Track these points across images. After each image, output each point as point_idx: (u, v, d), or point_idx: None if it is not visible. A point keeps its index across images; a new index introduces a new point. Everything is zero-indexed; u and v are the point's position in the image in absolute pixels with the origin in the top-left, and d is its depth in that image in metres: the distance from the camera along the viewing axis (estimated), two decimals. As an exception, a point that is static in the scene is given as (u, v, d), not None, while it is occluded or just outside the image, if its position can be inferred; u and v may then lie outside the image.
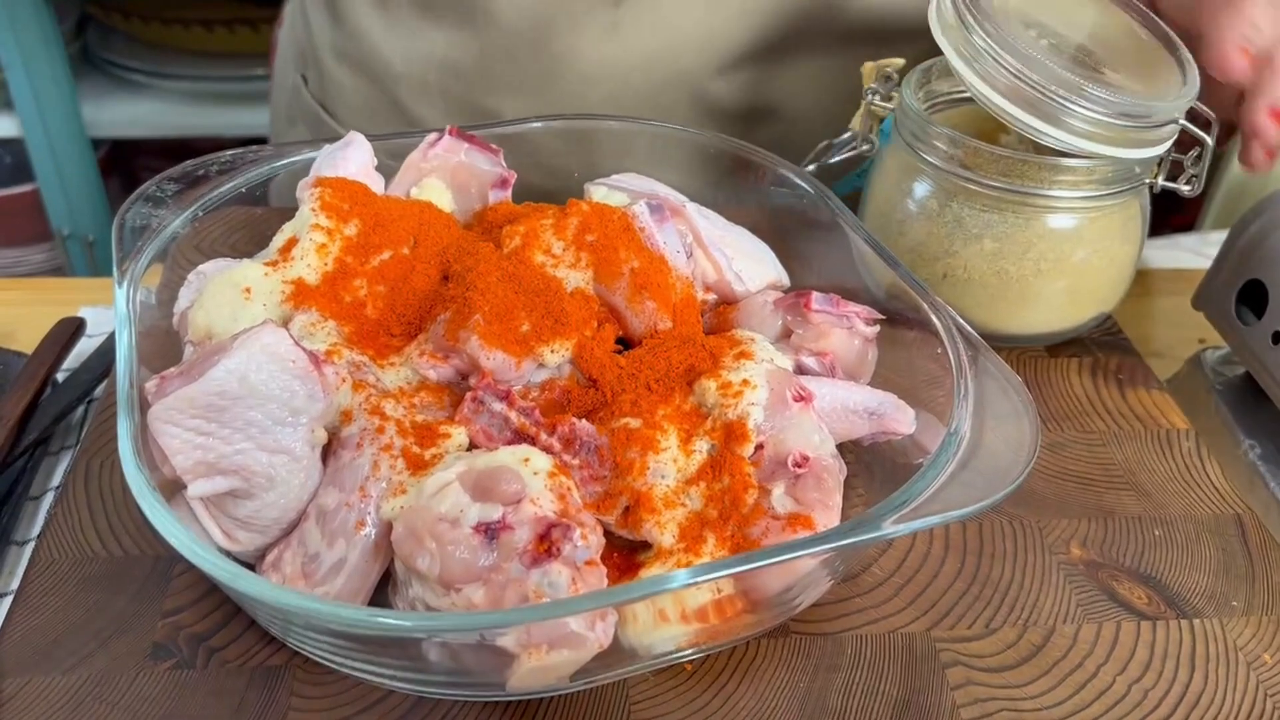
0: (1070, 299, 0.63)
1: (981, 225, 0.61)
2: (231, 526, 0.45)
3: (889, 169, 0.65)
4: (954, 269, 0.62)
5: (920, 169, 0.62)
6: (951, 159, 0.60)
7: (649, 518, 0.46)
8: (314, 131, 0.88)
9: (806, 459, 0.47)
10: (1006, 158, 0.58)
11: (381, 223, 0.54)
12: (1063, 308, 0.64)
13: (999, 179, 0.59)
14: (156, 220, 0.55)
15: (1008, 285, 0.62)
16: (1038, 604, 0.51)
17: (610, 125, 0.66)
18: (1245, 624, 0.50)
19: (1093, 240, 0.61)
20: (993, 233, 0.60)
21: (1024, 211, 0.60)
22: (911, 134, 0.62)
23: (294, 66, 0.92)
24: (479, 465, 0.43)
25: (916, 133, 0.62)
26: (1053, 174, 0.58)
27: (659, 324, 0.53)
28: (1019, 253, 0.61)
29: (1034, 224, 0.60)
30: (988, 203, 0.60)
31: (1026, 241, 0.60)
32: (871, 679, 0.47)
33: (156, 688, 0.45)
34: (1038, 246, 0.60)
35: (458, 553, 0.41)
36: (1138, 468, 0.58)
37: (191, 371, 0.43)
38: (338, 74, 0.85)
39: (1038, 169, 0.58)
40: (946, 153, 0.60)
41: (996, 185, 0.59)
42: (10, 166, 1.65)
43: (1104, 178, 0.59)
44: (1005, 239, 0.60)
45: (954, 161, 0.60)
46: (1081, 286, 0.63)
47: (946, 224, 0.61)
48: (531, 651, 0.40)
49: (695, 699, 0.46)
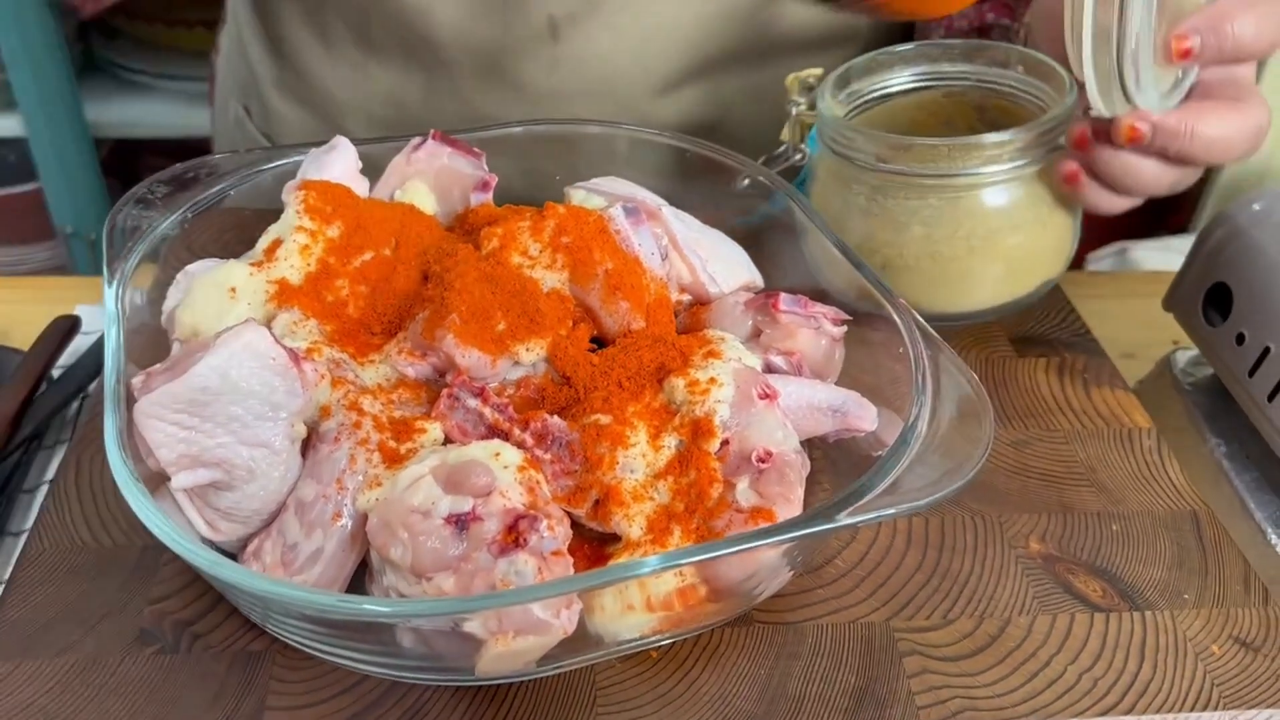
0: (1009, 271, 0.65)
1: (908, 213, 0.63)
2: (214, 517, 0.46)
3: (821, 174, 0.68)
4: (891, 259, 0.64)
5: (846, 170, 0.64)
6: (871, 155, 0.62)
7: (618, 510, 0.47)
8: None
9: (770, 454, 0.48)
10: (921, 146, 0.61)
11: (364, 225, 0.56)
12: (1005, 280, 0.65)
13: (916, 166, 0.61)
14: (147, 221, 0.57)
15: (944, 266, 0.64)
16: (995, 596, 0.52)
17: (590, 130, 0.68)
18: (1196, 616, 0.52)
19: (1023, 210, 0.63)
20: (920, 218, 0.63)
21: (946, 194, 0.62)
22: (831, 138, 0.64)
23: (235, 97, 0.92)
24: (451, 459, 0.45)
25: (835, 136, 0.64)
26: (966, 154, 0.60)
27: (632, 324, 0.55)
28: (949, 233, 0.63)
29: (960, 204, 0.62)
30: (911, 191, 0.62)
31: (955, 222, 0.62)
32: (830, 667, 0.49)
33: (141, 671, 0.47)
34: (966, 224, 0.62)
35: (429, 543, 0.42)
36: (1099, 465, 0.60)
37: (176, 368, 0.45)
38: (281, 107, 0.85)
39: (949, 151, 0.60)
40: (866, 150, 0.62)
41: (916, 173, 0.61)
42: (14, 165, 1.67)
43: (1021, 147, 0.60)
44: (933, 223, 0.62)
45: (873, 157, 0.62)
46: (1019, 257, 0.64)
47: (877, 217, 0.64)
48: (498, 637, 0.41)
49: (660, 684, 0.48)
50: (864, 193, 0.64)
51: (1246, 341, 0.64)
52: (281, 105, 0.86)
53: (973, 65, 0.67)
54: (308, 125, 0.85)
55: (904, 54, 0.68)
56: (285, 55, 0.83)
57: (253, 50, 0.87)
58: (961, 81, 0.68)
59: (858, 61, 0.67)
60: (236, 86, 0.92)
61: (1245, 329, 0.64)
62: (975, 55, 0.67)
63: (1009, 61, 0.66)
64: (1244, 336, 0.64)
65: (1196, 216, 1.50)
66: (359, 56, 0.79)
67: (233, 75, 0.93)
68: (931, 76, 0.68)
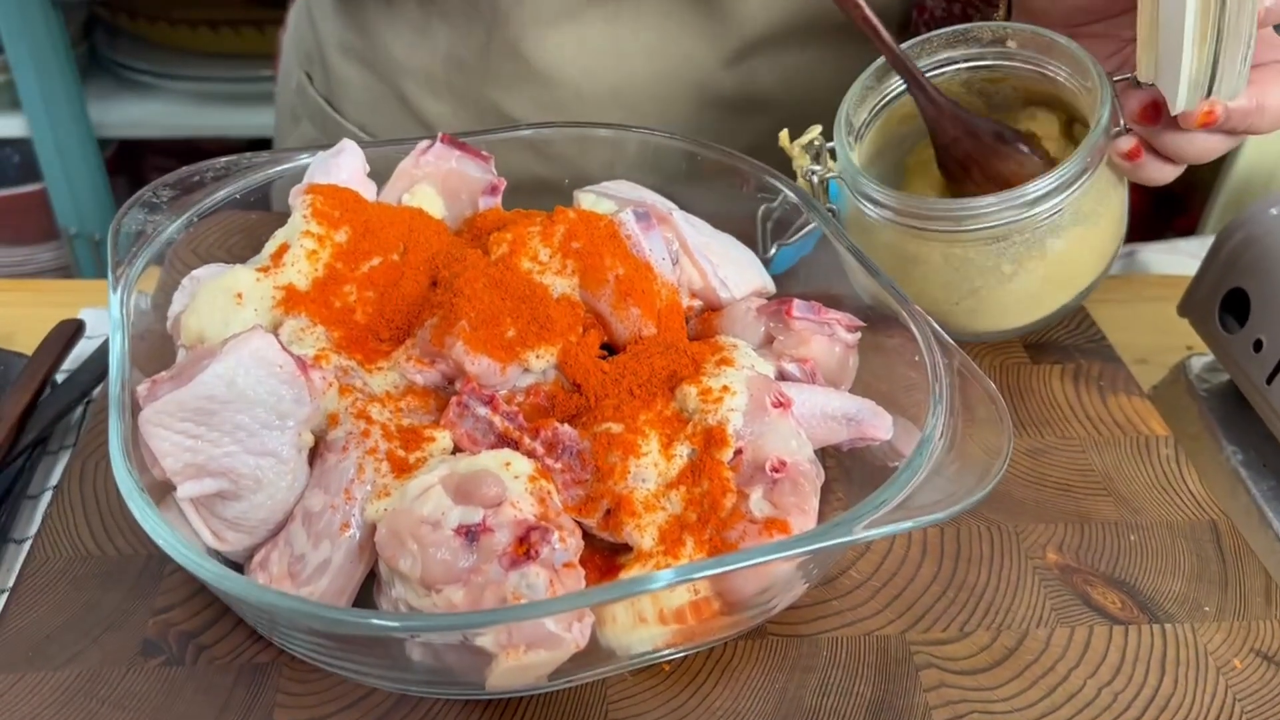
0: (1050, 287, 0.62)
1: (950, 260, 0.60)
2: (220, 527, 0.46)
3: (853, 225, 0.64)
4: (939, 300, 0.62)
5: (875, 224, 0.62)
6: (902, 214, 0.60)
7: (629, 521, 0.46)
8: (320, 128, 0.89)
9: (784, 464, 0.47)
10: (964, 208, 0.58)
11: (371, 229, 0.55)
12: (1044, 297, 0.63)
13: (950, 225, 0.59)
14: (152, 225, 0.56)
15: (985, 298, 0.62)
16: (1012, 608, 0.51)
17: (600, 133, 0.67)
18: (1216, 629, 0.51)
19: (1065, 233, 0.60)
20: (959, 264, 0.60)
21: (980, 241, 0.59)
22: (868, 198, 0.61)
23: (298, 65, 0.93)
24: (461, 469, 0.44)
25: (864, 194, 0.61)
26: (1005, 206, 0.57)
27: (643, 330, 0.54)
28: (993, 275, 0.60)
29: (997, 246, 0.60)
30: (948, 240, 0.60)
31: (996, 263, 0.60)
32: (846, 680, 0.48)
33: (146, 684, 0.46)
34: (1007, 261, 0.60)
35: (439, 554, 0.42)
36: (1116, 474, 0.59)
37: (182, 376, 0.44)
38: (344, 70, 0.86)
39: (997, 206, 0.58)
40: (897, 210, 0.60)
41: (948, 230, 0.59)
42: (18, 166, 1.67)
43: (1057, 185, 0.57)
44: (976, 265, 0.60)
45: (906, 215, 0.60)
46: (1060, 274, 0.62)
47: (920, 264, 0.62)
48: (509, 651, 0.41)
49: (672, 699, 0.47)
50: (895, 240, 0.62)
51: (1264, 348, 0.63)
52: (343, 67, 0.86)
53: (956, 51, 0.64)
54: (369, 88, 0.84)
55: (884, 69, 0.65)
56: (351, 15, 0.83)
57: (321, 14, 0.87)
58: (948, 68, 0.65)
59: (849, 98, 0.64)
60: (300, 54, 0.92)
61: (1263, 335, 0.63)
62: (958, 43, 0.64)
63: (999, 39, 0.63)
64: (1261, 343, 0.63)
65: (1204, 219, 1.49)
66: (420, 13, 0.78)
67: (297, 45, 0.93)
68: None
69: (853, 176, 0.61)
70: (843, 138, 0.62)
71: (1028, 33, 0.62)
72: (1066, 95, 0.61)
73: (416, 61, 0.81)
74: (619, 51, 0.76)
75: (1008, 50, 0.63)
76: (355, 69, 0.85)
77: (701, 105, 0.79)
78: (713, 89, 0.78)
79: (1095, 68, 0.58)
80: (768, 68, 0.79)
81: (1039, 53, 0.61)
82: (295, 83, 0.93)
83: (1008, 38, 0.63)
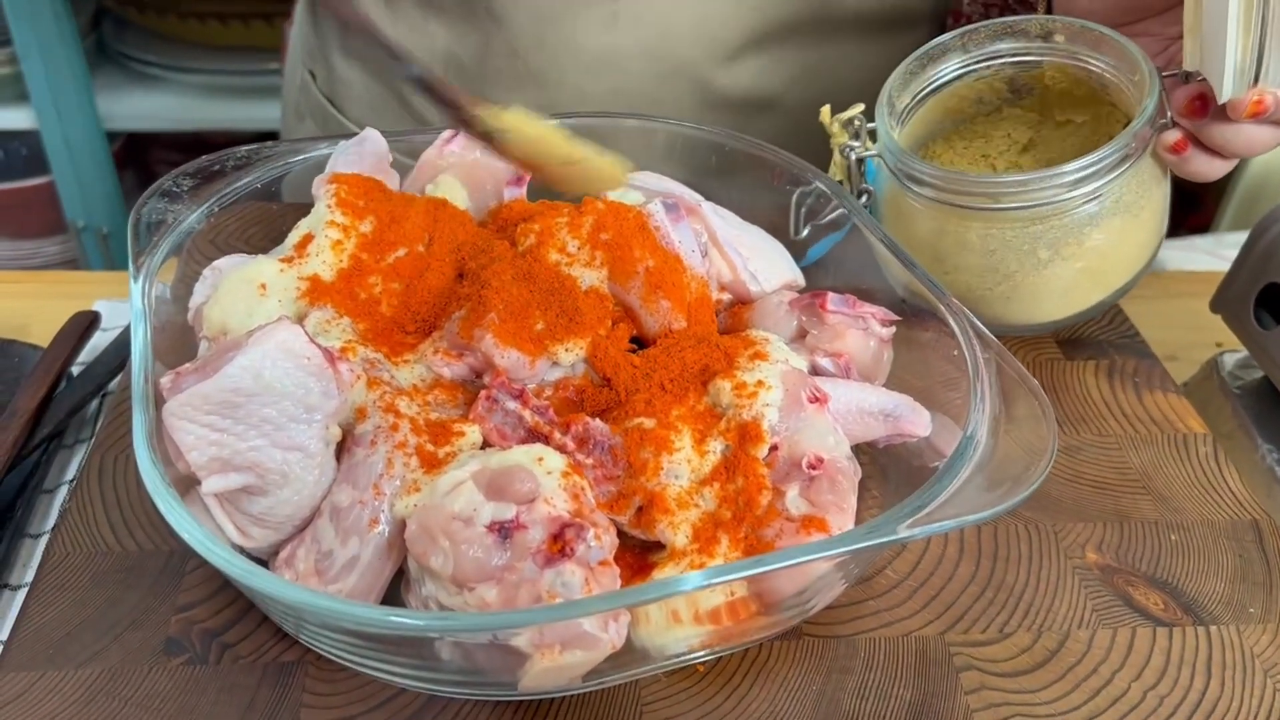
0: (1091, 279, 0.61)
1: (988, 241, 0.59)
2: (245, 523, 0.45)
3: (889, 205, 0.64)
4: (973, 285, 0.61)
5: (912, 206, 0.61)
6: (943, 189, 0.59)
7: (662, 518, 0.45)
8: (322, 127, 0.88)
9: (821, 461, 0.46)
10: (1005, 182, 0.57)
11: (397, 220, 0.54)
12: (1086, 288, 0.61)
13: (990, 202, 0.58)
14: (172, 215, 0.55)
15: (1019, 284, 0.60)
16: (1053, 609, 0.50)
17: (626, 124, 0.66)
18: (1262, 631, 0.50)
19: (1105, 223, 0.59)
20: (997, 245, 0.59)
21: (1020, 222, 0.58)
22: (907, 175, 0.60)
23: (302, 62, 0.92)
24: (493, 464, 0.43)
25: (906, 173, 0.60)
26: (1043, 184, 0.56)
27: (673, 323, 0.53)
28: (1029, 259, 0.59)
29: (1035, 228, 0.58)
30: (986, 220, 0.59)
31: (1033, 246, 0.59)
32: (885, 682, 0.47)
33: (169, 683, 0.45)
34: (1044, 245, 0.59)
35: (471, 551, 0.40)
36: (1154, 472, 0.58)
37: (206, 368, 0.43)
38: (345, 70, 0.85)
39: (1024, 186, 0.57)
40: (938, 186, 0.59)
41: (990, 207, 0.58)
42: (26, 158, 1.66)
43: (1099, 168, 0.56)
44: (1013, 248, 0.59)
45: (946, 191, 0.59)
46: (1101, 265, 0.60)
47: (950, 246, 0.60)
48: (544, 652, 0.40)
49: (707, 700, 0.46)
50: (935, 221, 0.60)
51: (1303, 345, 0.62)
52: (344, 67, 0.85)
53: (1003, 44, 0.63)
54: (369, 88, 0.84)
55: (931, 54, 0.64)
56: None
57: (321, 13, 0.87)
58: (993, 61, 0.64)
59: (893, 80, 0.63)
60: (304, 52, 0.92)
61: (1301, 332, 0.62)
62: (1005, 35, 0.63)
63: (1046, 33, 0.62)
64: (1299, 340, 0.62)
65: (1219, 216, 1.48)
66: (418, 15, 0.78)
67: (301, 42, 0.93)
68: (964, 65, 0.65)
69: (895, 153, 0.60)
70: (884, 115, 0.61)
71: (1077, 27, 0.61)
72: (1112, 93, 0.61)
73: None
74: (618, 52, 0.75)
75: (1054, 45, 0.62)
76: (356, 69, 0.84)
77: (704, 106, 0.78)
78: (715, 90, 0.78)
79: (1144, 60, 0.57)
80: (771, 68, 0.78)
81: (1087, 48, 0.61)
82: (299, 80, 0.93)
83: (1055, 31, 0.62)
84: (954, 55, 0.64)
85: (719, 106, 0.79)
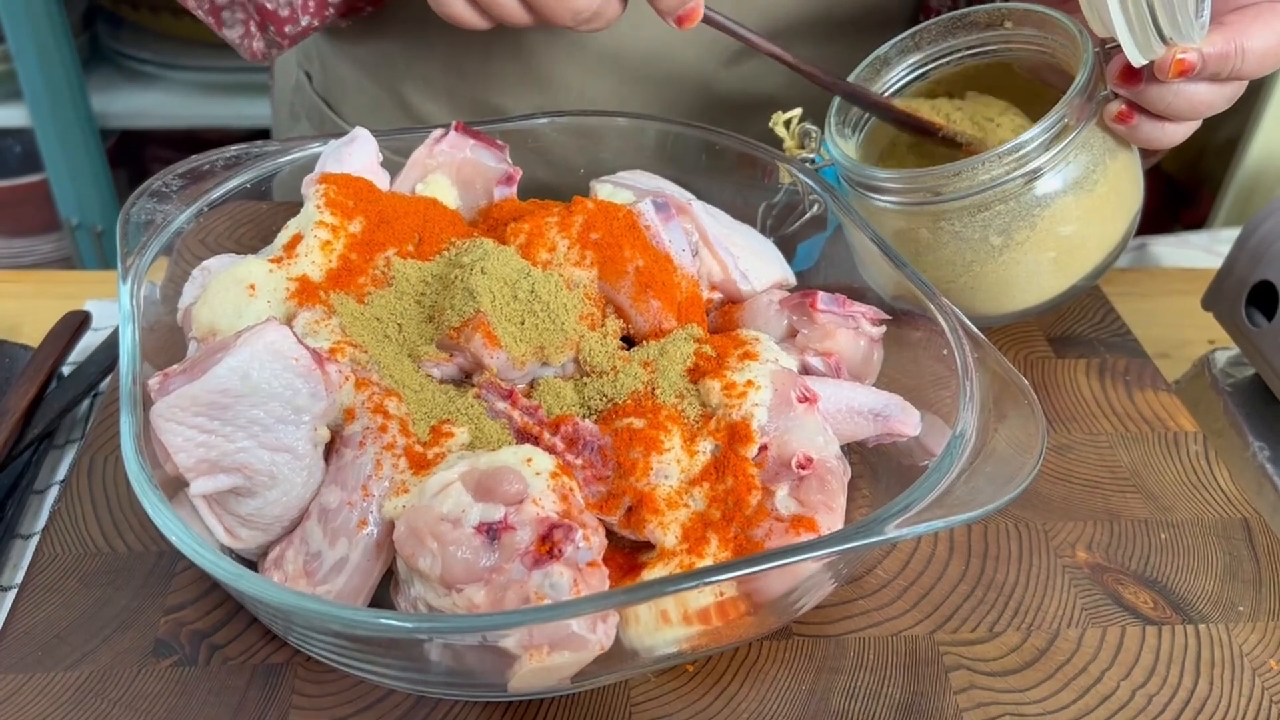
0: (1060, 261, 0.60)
1: (939, 234, 0.59)
2: (234, 524, 0.44)
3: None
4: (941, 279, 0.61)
5: (877, 211, 0.61)
6: (883, 191, 0.59)
7: (652, 518, 0.45)
8: (318, 127, 0.88)
9: (810, 460, 0.46)
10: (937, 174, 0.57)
11: (386, 219, 0.54)
12: (1056, 272, 0.61)
13: (929, 196, 0.58)
14: (162, 215, 0.55)
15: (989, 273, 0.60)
16: (1042, 607, 0.50)
17: (617, 122, 0.66)
18: (1251, 629, 0.50)
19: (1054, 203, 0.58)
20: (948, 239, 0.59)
21: (965, 212, 0.58)
22: (857, 183, 0.61)
23: (296, 62, 0.92)
24: (481, 465, 0.43)
25: (859, 180, 0.60)
26: (975, 173, 0.56)
27: (664, 323, 0.53)
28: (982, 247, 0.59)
29: (981, 217, 0.58)
30: (933, 215, 0.59)
31: (983, 235, 0.59)
32: (874, 681, 0.47)
33: (158, 685, 0.45)
34: (1012, 227, 0.58)
35: (459, 553, 0.40)
36: (1144, 470, 0.58)
37: (194, 369, 0.43)
38: (342, 71, 0.85)
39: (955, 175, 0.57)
40: (897, 190, 0.59)
41: (931, 202, 0.58)
42: (19, 156, 1.65)
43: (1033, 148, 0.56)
44: (963, 239, 0.59)
45: (887, 193, 0.59)
46: (1067, 247, 0.60)
47: (906, 243, 0.61)
48: (533, 653, 0.40)
49: (697, 700, 0.46)
50: (903, 220, 0.61)
51: (1294, 342, 0.62)
52: (342, 68, 0.84)
53: (956, 39, 0.64)
54: (367, 90, 0.83)
55: (883, 58, 0.64)
56: (348, 17, 0.81)
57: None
58: (949, 57, 0.64)
59: (863, 73, 0.63)
60: (299, 53, 0.91)
61: (1292, 329, 0.62)
62: (957, 29, 0.64)
63: (996, 21, 0.62)
64: (1291, 337, 0.62)
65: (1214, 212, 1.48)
66: (419, 20, 0.77)
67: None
68: (918, 65, 0.65)
69: (844, 163, 0.61)
70: (831, 129, 0.62)
71: (1021, 10, 0.61)
72: (1066, 65, 0.60)
73: (415, 66, 0.79)
74: (620, 54, 0.75)
75: (1007, 32, 0.62)
76: (353, 71, 0.84)
77: (703, 107, 0.78)
78: (715, 90, 0.78)
79: (1076, 29, 0.57)
80: (769, 68, 0.78)
81: (1037, 30, 0.61)
82: (294, 81, 0.92)
83: (1004, 18, 0.62)
84: (908, 56, 0.64)
85: (718, 107, 0.79)
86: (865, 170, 0.60)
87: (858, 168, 0.60)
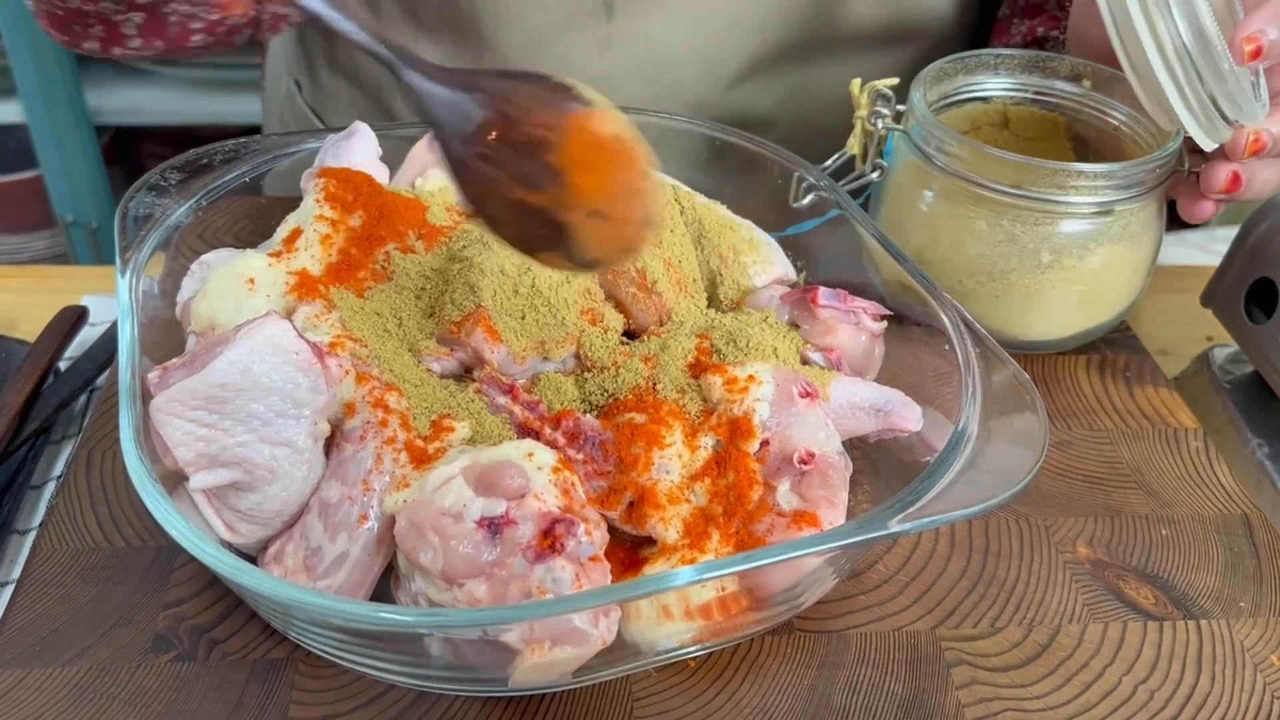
0: (1083, 304, 0.61)
1: (994, 231, 0.59)
2: (233, 519, 0.44)
3: (900, 185, 0.63)
4: (973, 287, 0.61)
5: (933, 178, 0.60)
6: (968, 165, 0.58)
7: (653, 513, 0.45)
8: None
9: (812, 455, 0.46)
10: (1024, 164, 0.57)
11: (386, 214, 0.54)
12: (1081, 309, 0.62)
13: (1011, 186, 0.57)
14: (160, 209, 0.54)
15: (1013, 291, 0.60)
16: (1044, 603, 0.50)
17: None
18: (1252, 625, 0.50)
19: (1107, 245, 0.59)
20: (1003, 238, 0.59)
21: (1033, 217, 0.58)
22: (927, 143, 0.60)
23: (286, 71, 0.91)
24: (483, 459, 0.43)
25: (931, 142, 0.60)
26: (1068, 179, 0.56)
27: (665, 318, 0.53)
28: (1030, 259, 0.59)
29: (1044, 229, 0.58)
30: (999, 208, 0.58)
31: (1037, 247, 0.59)
32: (876, 677, 0.47)
33: (157, 680, 0.45)
34: (1048, 249, 0.59)
35: (461, 547, 0.40)
36: (1145, 467, 0.58)
37: (194, 363, 0.43)
38: (331, 83, 0.84)
39: (1052, 174, 0.56)
40: (964, 159, 0.58)
41: (1010, 191, 0.58)
42: (14, 152, 1.64)
43: (1121, 181, 0.57)
44: (1017, 243, 0.59)
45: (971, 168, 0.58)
46: (1096, 292, 0.61)
47: (954, 231, 0.60)
48: (534, 647, 0.39)
49: (698, 696, 0.46)
50: (946, 202, 0.60)
51: (1293, 339, 0.62)
52: (331, 81, 0.84)
53: (1031, 77, 0.66)
54: (356, 102, 0.83)
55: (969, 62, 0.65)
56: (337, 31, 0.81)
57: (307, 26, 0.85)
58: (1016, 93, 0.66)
59: (930, 70, 0.63)
60: (289, 61, 0.91)
61: (1292, 326, 0.62)
62: (1034, 69, 0.65)
63: (1075, 76, 0.64)
64: (1290, 334, 0.62)
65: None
66: (407, 33, 0.77)
67: (285, 51, 0.92)
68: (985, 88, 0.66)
69: (925, 122, 0.60)
70: (923, 89, 0.62)
71: (1107, 74, 0.63)
72: (1124, 140, 0.63)
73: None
74: (612, 74, 0.75)
75: (1082, 90, 0.64)
76: (342, 83, 0.83)
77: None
78: (708, 111, 0.77)
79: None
80: (767, 89, 0.78)
81: (1109, 96, 0.63)
82: (284, 89, 0.91)
83: (1084, 76, 0.64)
84: (983, 73, 0.66)
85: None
86: (973, 144, 0.58)
87: (944, 132, 0.59)
